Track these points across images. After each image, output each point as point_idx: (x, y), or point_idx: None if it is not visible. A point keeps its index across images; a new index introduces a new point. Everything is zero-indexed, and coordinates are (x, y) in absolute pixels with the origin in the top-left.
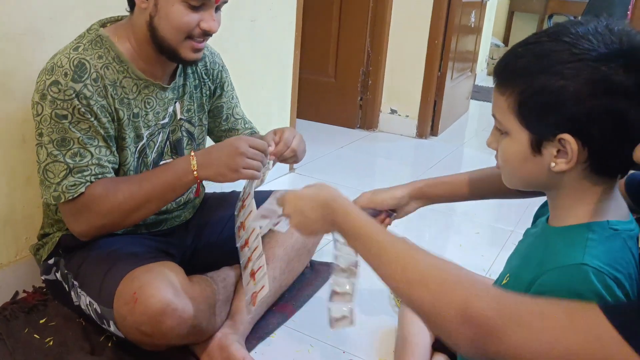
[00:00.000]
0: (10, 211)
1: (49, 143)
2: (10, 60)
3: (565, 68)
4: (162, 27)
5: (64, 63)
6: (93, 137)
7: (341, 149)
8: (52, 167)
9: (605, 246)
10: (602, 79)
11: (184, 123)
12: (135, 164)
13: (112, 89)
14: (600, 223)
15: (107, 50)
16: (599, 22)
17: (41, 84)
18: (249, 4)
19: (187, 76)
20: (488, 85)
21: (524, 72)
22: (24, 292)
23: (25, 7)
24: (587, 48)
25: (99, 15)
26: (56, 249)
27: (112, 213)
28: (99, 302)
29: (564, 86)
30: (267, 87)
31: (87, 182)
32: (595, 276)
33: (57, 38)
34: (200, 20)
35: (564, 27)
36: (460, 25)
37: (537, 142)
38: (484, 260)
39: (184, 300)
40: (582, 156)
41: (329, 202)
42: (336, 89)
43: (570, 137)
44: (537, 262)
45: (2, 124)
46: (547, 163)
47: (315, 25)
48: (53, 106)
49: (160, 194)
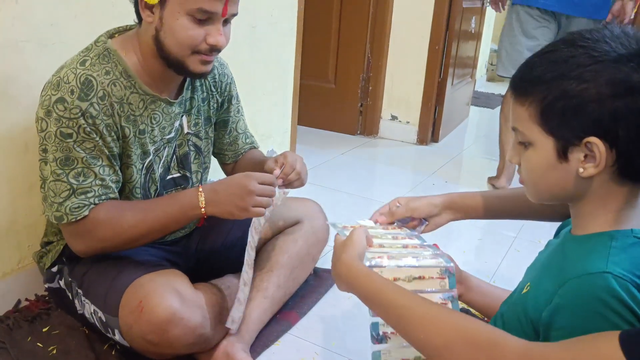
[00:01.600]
0: (13, 219)
1: (53, 161)
2: (12, 67)
3: (585, 71)
4: (167, 41)
5: (70, 79)
6: (97, 157)
7: (342, 155)
8: (54, 185)
9: (628, 254)
10: (623, 79)
11: (191, 137)
12: (142, 180)
13: (119, 106)
14: (623, 231)
15: (115, 64)
16: (614, 28)
17: (46, 99)
18: (249, 11)
19: (195, 89)
20: (488, 91)
21: (542, 80)
22: (26, 300)
23: (28, 15)
24: (606, 50)
25: (102, 22)
26: (60, 257)
27: (113, 239)
28: (104, 310)
29: (586, 89)
30: (268, 93)
31: (90, 204)
32: (618, 283)
33: (59, 45)
34: (207, 35)
35: (579, 34)
36: (460, 31)
37: (563, 148)
38: (487, 266)
39: (190, 309)
40: (609, 159)
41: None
42: (336, 95)
43: (597, 140)
44: (558, 270)
45: (5, 132)
46: (575, 169)
47: (315, 31)
48: (58, 124)
49: (164, 225)
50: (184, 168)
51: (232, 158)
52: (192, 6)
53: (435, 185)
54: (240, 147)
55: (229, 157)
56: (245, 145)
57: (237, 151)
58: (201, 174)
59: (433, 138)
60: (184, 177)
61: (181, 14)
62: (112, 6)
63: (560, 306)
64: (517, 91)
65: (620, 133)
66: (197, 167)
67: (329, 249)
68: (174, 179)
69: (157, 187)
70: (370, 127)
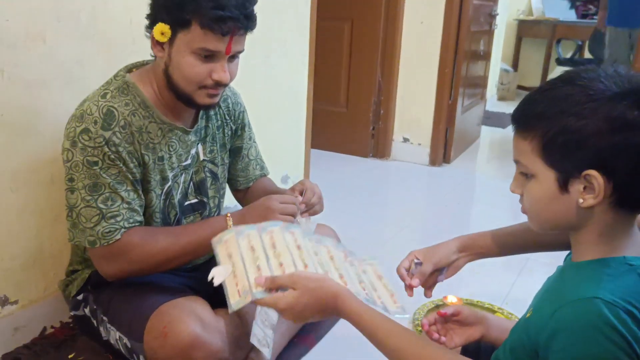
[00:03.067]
0: (39, 248)
1: (82, 188)
2: (41, 103)
3: (583, 108)
4: (175, 76)
5: (93, 111)
6: (122, 182)
7: (354, 178)
8: (85, 211)
9: (620, 281)
10: (618, 115)
11: (207, 164)
12: (161, 206)
13: (139, 134)
14: (616, 258)
15: (134, 96)
16: (607, 68)
17: (71, 131)
18: (263, 42)
19: (209, 118)
20: (499, 110)
21: (544, 116)
22: (52, 327)
23: (56, 53)
24: (601, 89)
25: (121, 59)
26: (85, 285)
27: (145, 262)
28: (129, 336)
29: (585, 124)
30: (282, 119)
31: (121, 227)
32: (609, 309)
33: (83, 81)
34: (212, 71)
35: (576, 73)
36: (469, 53)
37: (564, 180)
38: (500, 287)
39: (212, 334)
40: (608, 190)
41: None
42: (349, 118)
43: (596, 172)
44: (555, 295)
45: (32, 164)
46: (575, 200)
47: (327, 58)
48: (84, 153)
49: (195, 249)
50: (201, 194)
51: (244, 184)
52: (196, 45)
53: (447, 207)
54: (251, 172)
55: (240, 182)
56: (255, 171)
57: (248, 177)
58: (218, 199)
59: (445, 159)
60: (202, 202)
61: (187, 52)
62: (132, 43)
63: (555, 330)
64: (519, 126)
65: (618, 166)
66: (214, 193)
67: None
68: (191, 204)
69: (176, 212)
70: (382, 149)
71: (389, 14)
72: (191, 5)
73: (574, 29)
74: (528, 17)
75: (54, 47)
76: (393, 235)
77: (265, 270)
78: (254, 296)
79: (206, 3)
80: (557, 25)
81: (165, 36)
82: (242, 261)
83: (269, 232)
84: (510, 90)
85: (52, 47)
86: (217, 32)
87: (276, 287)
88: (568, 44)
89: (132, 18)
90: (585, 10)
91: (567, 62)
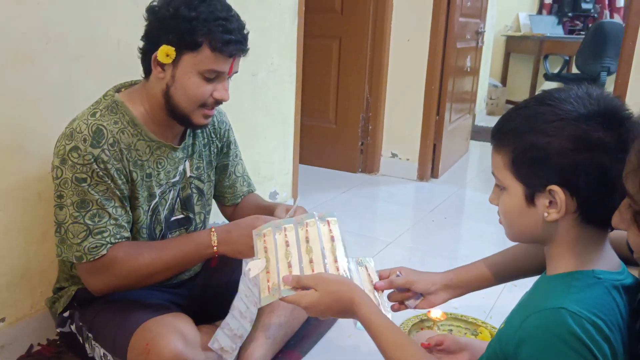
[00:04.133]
0: (26, 266)
1: (71, 205)
2: (28, 122)
3: (550, 127)
4: (178, 96)
5: (82, 129)
6: (110, 199)
7: (343, 193)
8: (72, 227)
9: (587, 293)
10: (582, 135)
11: (193, 180)
12: (148, 222)
13: (127, 152)
14: (585, 272)
15: (123, 115)
16: (580, 88)
17: (61, 149)
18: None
19: (196, 135)
20: (488, 125)
21: (515, 132)
22: (38, 345)
23: (45, 74)
24: (568, 109)
25: (109, 80)
26: (72, 302)
27: (130, 276)
28: (113, 353)
29: (550, 142)
30: (270, 136)
31: (107, 243)
32: (573, 319)
33: (71, 101)
34: (214, 91)
35: (549, 93)
36: (456, 69)
37: (531, 194)
38: (485, 301)
39: (194, 351)
40: (571, 206)
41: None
42: (337, 134)
43: (558, 188)
44: (525, 307)
45: (20, 182)
46: (541, 214)
47: (316, 74)
48: (73, 170)
49: (179, 263)
50: (187, 210)
51: (231, 200)
52: (204, 67)
53: (434, 221)
54: (238, 189)
55: (227, 199)
56: (243, 187)
57: (235, 194)
58: (204, 215)
59: (433, 174)
60: (187, 218)
61: (194, 73)
62: (119, 63)
63: (522, 339)
64: (494, 141)
65: (580, 183)
66: (199, 209)
67: None
68: (177, 220)
69: (162, 228)
70: (371, 164)
71: (376, 31)
72: (203, 29)
73: (561, 44)
74: (516, 33)
75: (43, 68)
76: (380, 250)
77: (296, 267)
78: (282, 294)
79: (216, 27)
80: (544, 41)
81: (170, 58)
82: (275, 256)
83: (304, 225)
84: (499, 105)
85: (41, 68)
86: (225, 54)
87: (301, 287)
88: (555, 59)
89: (119, 39)
90: (572, 26)
91: (554, 77)
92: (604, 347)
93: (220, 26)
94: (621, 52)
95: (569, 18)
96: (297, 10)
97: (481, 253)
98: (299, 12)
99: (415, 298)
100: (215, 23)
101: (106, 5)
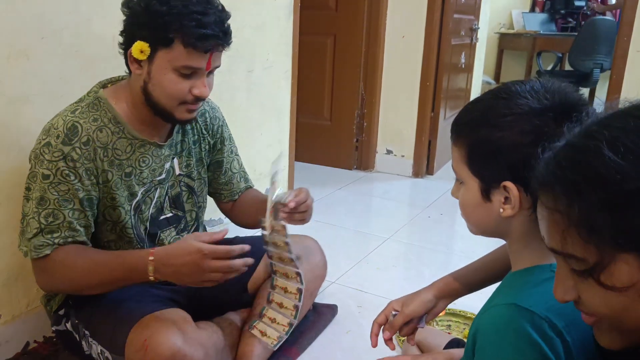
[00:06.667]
0: (22, 264)
1: (34, 199)
2: (24, 119)
3: (503, 121)
4: (156, 93)
5: (59, 125)
6: (69, 200)
7: (339, 190)
8: (31, 222)
9: (540, 288)
10: (533, 130)
11: (183, 178)
12: (133, 221)
13: (103, 151)
14: (542, 266)
15: (105, 112)
16: (537, 82)
17: (37, 143)
18: (245, 56)
19: (185, 132)
20: None
21: (470, 126)
22: (35, 342)
23: (40, 70)
24: (521, 103)
25: (104, 75)
26: (66, 300)
27: (69, 282)
28: (111, 350)
29: (502, 137)
30: (265, 133)
31: (54, 244)
32: (523, 315)
33: (66, 97)
34: (192, 87)
35: (505, 86)
36: (450, 65)
37: (486, 190)
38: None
39: (193, 347)
40: (525, 202)
41: None
42: (333, 131)
43: (511, 184)
44: (487, 302)
45: (14, 179)
46: (497, 209)
47: (310, 71)
48: (42, 166)
49: (112, 283)
50: (177, 208)
51: (228, 197)
52: (179, 63)
53: (430, 217)
54: (235, 186)
55: (224, 196)
56: (240, 183)
57: (232, 190)
58: (196, 213)
59: (428, 170)
60: (177, 216)
61: (168, 70)
62: (114, 59)
63: (477, 332)
64: (452, 133)
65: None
66: (190, 207)
67: (327, 284)
68: (167, 218)
69: (146, 227)
70: (366, 161)
71: (371, 28)
72: (175, 25)
73: (553, 41)
74: (509, 30)
75: (38, 64)
76: (377, 247)
77: None
78: None
79: (189, 22)
80: (538, 38)
81: (145, 54)
82: None
83: None
84: None
85: (36, 64)
86: (200, 50)
87: None
88: (548, 56)
89: (114, 35)
90: (564, 23)
91: (547, 74)
92: (556, 343)
93: (194, 20)
94: (615, 48)
95: (561, 15)
96: (292, 7)
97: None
98: (294, 9)
99: (420, 320)
100: (188, 17)
101: (101, 1)
